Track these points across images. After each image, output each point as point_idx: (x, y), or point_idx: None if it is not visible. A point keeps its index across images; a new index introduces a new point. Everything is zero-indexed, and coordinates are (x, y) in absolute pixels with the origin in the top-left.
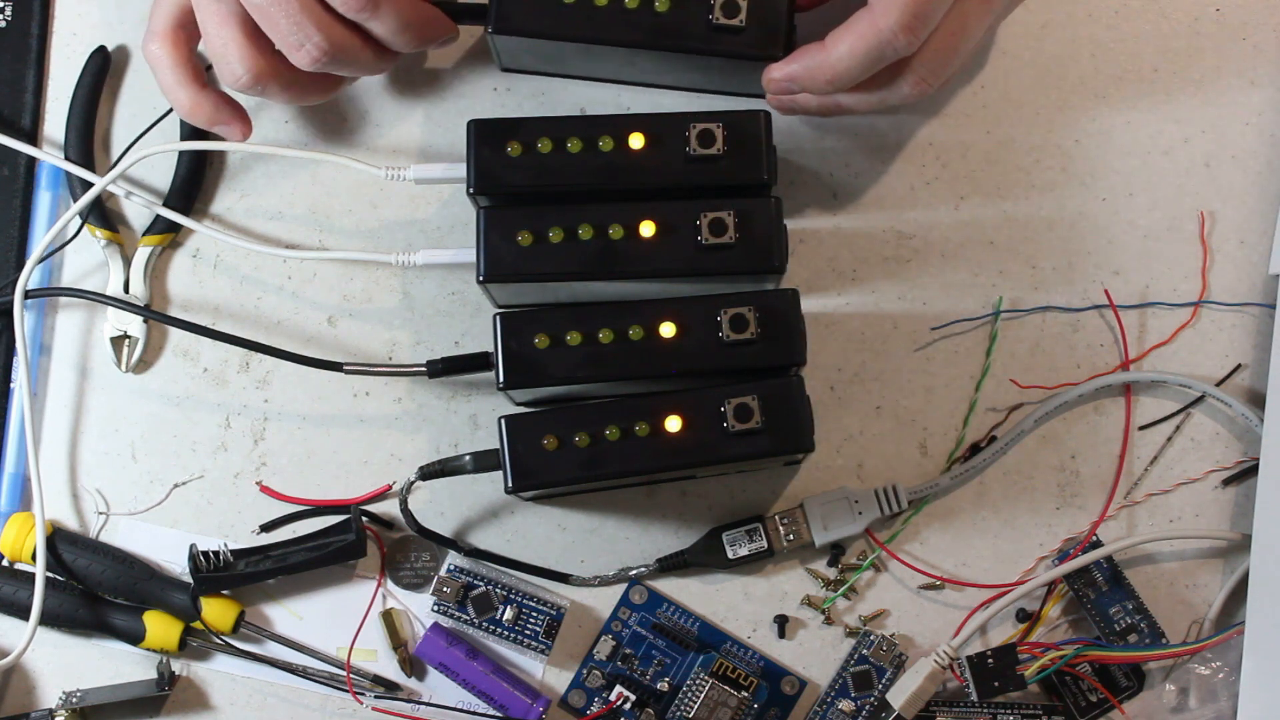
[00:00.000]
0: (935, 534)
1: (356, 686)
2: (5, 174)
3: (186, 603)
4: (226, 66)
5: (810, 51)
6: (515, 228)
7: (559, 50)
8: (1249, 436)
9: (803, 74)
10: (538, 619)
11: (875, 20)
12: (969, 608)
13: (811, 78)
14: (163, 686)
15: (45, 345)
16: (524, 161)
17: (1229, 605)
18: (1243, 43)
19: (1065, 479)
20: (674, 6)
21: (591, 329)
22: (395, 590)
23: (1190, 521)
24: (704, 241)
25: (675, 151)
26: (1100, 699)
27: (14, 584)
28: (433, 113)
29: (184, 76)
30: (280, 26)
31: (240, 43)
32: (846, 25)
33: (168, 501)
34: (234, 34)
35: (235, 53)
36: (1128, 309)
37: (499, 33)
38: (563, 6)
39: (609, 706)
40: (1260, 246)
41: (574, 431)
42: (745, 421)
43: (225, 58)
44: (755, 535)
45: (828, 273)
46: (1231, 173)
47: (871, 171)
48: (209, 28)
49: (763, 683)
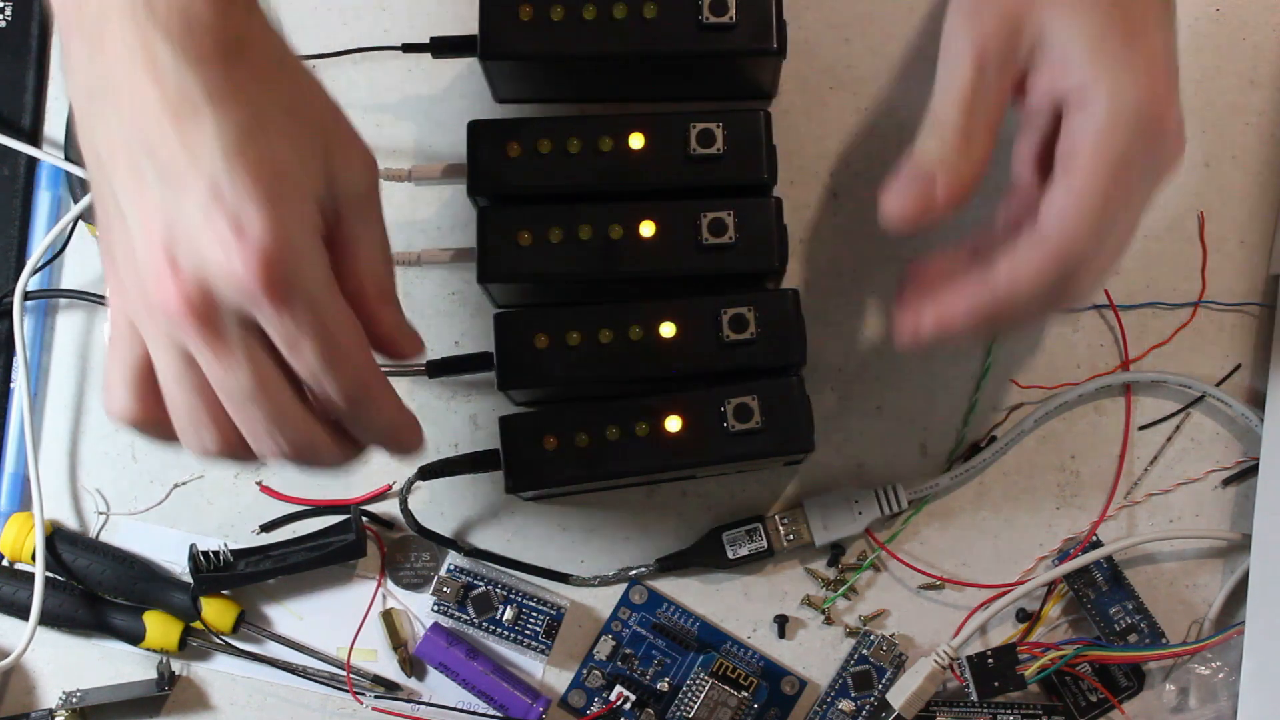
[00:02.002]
0: (935, 534)
1: (356, 686)
2: (5, 174)
3: (186, 603)
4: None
5: (975, 289)
6: (515, 228)
7: (553, 72)
8: (1249, 436)
9: (969, 321)
10: (538, 619)
11: (1060, 247)
12: (969, 608)
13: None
14: (163, 686)
15: (45, 345)
16: (524, 161)
17: (1229, 605)
18: (1243, 43)
19: (1065, 479)
20: (661, 12)
21: (591, 329)
22: (395, 590)
23: (1190, 521)
24: (704, 241)
25: (675, 151)
26: (1100, 699)
27: (14, 584)
28: (433, 113)
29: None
30: (256, 421)
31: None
32: (1014, 255)
33: (168, 501)
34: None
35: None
36: (1127, 309)
37: (488, 58)
38: (550, 25)
39: (609, 706)
40: (1260, 246)
41: (574, 431)
42: (745, 421)
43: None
44: (755, 535)
45: (828, 273)
46: (1231, 173)
47: (871, 171)
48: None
49: (763, 683)
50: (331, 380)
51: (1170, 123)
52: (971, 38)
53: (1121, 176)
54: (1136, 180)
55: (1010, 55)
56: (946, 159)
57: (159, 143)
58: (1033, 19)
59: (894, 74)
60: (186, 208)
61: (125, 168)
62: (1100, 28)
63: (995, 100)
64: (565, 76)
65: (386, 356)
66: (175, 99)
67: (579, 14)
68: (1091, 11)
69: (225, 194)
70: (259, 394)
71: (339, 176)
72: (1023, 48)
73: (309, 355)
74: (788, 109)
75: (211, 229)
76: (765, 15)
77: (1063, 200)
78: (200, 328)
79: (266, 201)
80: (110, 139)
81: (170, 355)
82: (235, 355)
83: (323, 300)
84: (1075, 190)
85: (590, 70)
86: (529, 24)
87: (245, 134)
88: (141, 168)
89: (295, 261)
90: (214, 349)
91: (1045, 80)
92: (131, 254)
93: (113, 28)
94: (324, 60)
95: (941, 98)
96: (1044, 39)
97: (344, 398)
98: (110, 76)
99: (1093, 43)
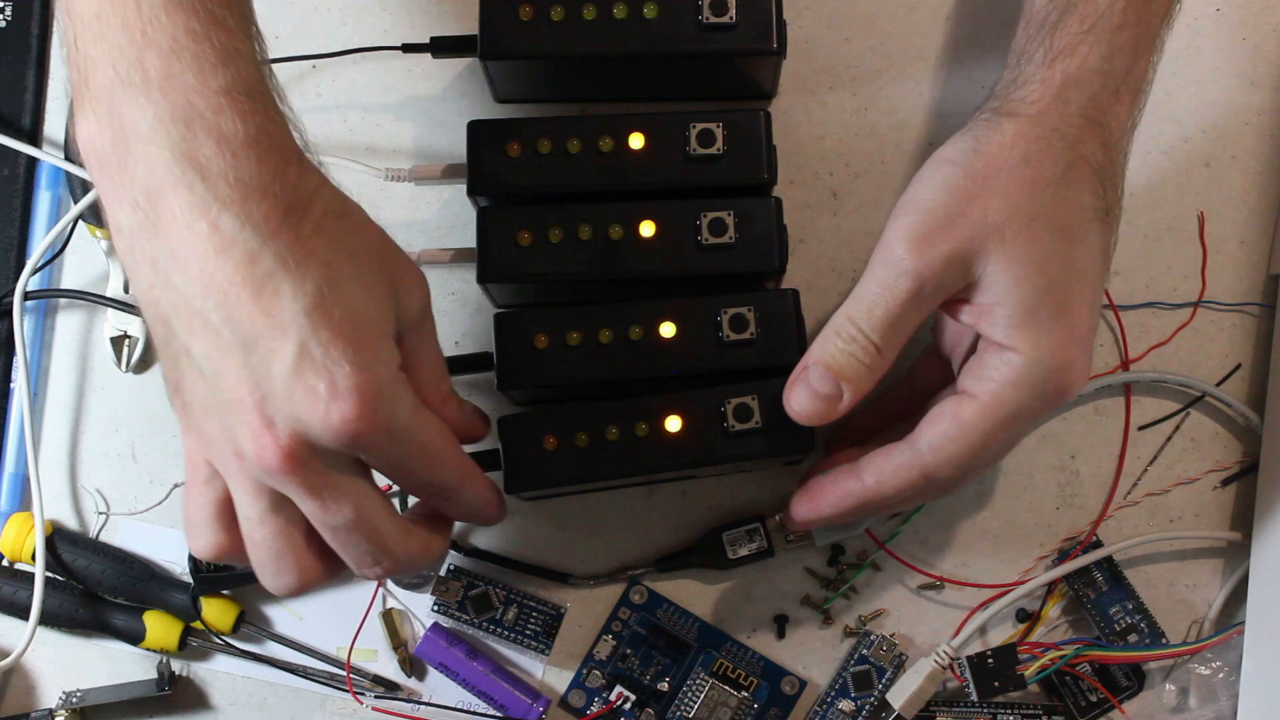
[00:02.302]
0: (935, 534)
1: (356, 686)
2: (5, 174)
3: (186, 603)
4: (276, 577)
5: (846, 488)
6: (515, 228)
7: (552, 71)
8: (1249, 436)
9: (837, 513)
10: (538, 619)
11: (925, 470)
12: (969, 608)
13: (848, 515)
14: (163, 686)
15: (45, 345)
16: (524, 161)
17: (1229, 605)
18: (1243, 43)
19: (1065, 479)
20: (662, 12)
21: (591, 329)
22: (395, 590)
23: (1190, 521)
24: (704, 241)
25: (675, 151)
26: (1100, 699)
27: (14, 584)
28: (433, 113)
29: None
30: (359, 548)
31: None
32: (888, 462)
33: (168, 501)
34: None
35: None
36: (1127, 309)
37: (489, 58)
38: (551, 25)
39: (609, 706)
40: (1260, 246)
41: (573, 432)
42: (745, 421)
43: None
44: (755, 535)
45: (828, 273)
46: (1231, 173)
47: (871, 171)
48: (259, 537)
49: (763, 683)
50: (436, 480)
51: (1075, 381)
52: (917, 264)
53: (1010, 425)
54: (1024, 426)
55: (948, 288)
56: (856, 375)
57: (238, 314)
58: (978, 265)
59: (894, 74)
60: (275, 369)
61: (203, 332)
62: (1035, 299)
63: (918, 319)
64: (565, 76)
65: (462, 444)
66: (247, 271)
67: (579, 14)
68: (1031, 283)
69: (314, 354)
70: (362, 525)
71: (402, 303)
72: (963, 280)
73: (415, 470)
74: (788, 109)
75: (304, 388)
76: (765, 15)
77: (945, 428)
78: (304, 477)
79: (353, 352)
80: (180, 306)
81: (259, 501)
82: (338, 496)
83: (416, 422)
84: (962, 424)
85: (590, 70)
86: (529, 24)
87: (321, 293)
88: (222, 334)
89: (389, 402)
90: (316, 495)
91: (971, 316)
92: (214, 408)
93: (168, 203)
94: (324, 60)
95: (866, 308)
96: (983, 286)
97: (446, 489)
98: (175, 250)
99: (1025, 310)
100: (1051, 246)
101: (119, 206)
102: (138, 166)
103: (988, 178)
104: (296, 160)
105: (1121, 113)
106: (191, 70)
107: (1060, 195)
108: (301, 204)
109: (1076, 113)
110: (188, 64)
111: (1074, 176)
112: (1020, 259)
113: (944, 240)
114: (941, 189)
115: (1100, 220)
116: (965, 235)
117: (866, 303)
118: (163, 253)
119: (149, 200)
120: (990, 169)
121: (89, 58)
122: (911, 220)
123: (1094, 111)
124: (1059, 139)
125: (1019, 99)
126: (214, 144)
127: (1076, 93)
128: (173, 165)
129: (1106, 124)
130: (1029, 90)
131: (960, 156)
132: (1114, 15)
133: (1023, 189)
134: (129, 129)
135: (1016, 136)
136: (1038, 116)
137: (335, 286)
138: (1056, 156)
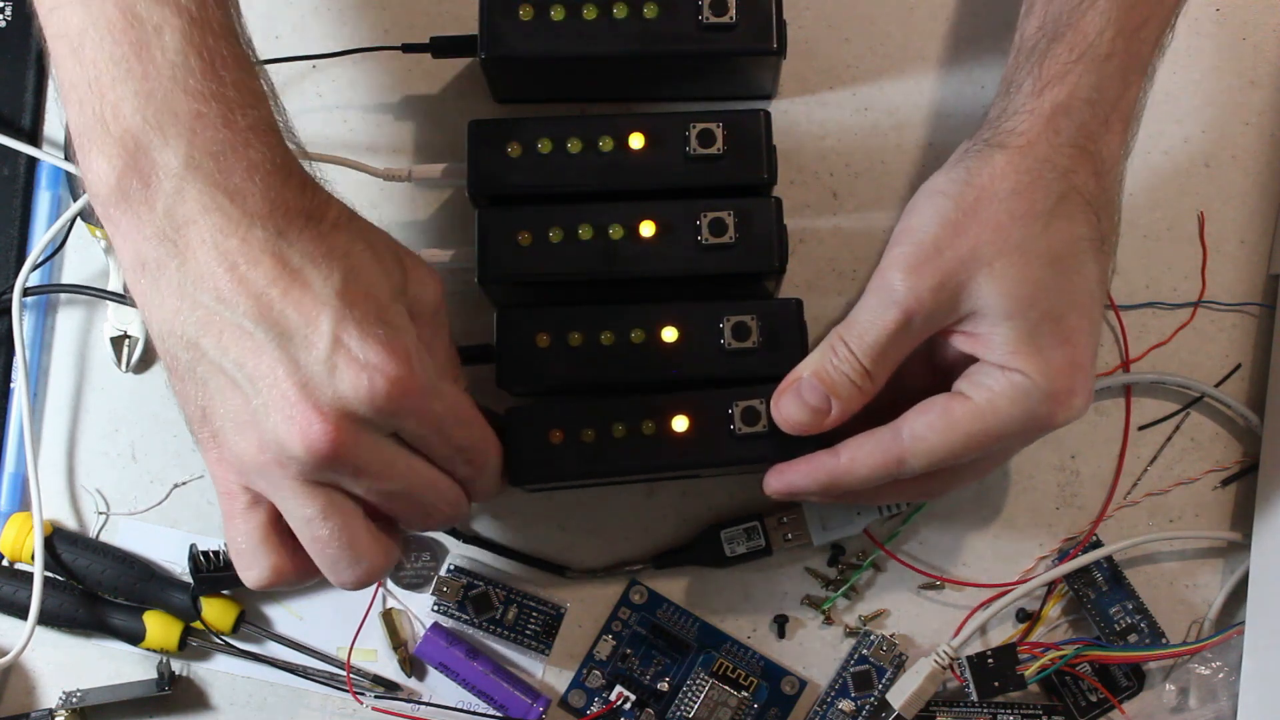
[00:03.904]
0: (935, 534)
1: (356, 686)
2: (5, 174)
3: (186, 603)
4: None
5: (820, 461)
6: (515, 228)
7: (552, 71)
8: (1248, 436)
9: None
10: (537, 619)
11: (902, 456)
12: (969, 608)
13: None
14: (163, 686)
15: (45, 345)
16: (524, 161)
17: (1229, 605)
18: (1243, 43)
19: (1065, 479)
20: (662, 12)
21: (593, 330)
22: (395, 590)
23: (1190, 521)
24: (704, 241)
25: (675, 151)
26: (1100, 699)
27: (14, 584)
28: (433, 113)
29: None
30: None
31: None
32: (866, 442)
33: (168, 501)
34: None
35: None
36: (1127, 309)
37: (489, 58)
38: (551, 25)
39: (609, 706)
40: (1260, 246)
41: (580, 426)
42: (752, 425)
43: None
44: (754, 534)
45: (828, 273)
46: (1231, 173)
47: (871, 171)
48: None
49: (763, 683)
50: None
51: (1072, 411)
52: (906, 290)
53: (995, 436)
54: (1007, 443)
55: (940, 317)
56: (847, 394)
57: (272, 313)
58: (971, 292)
59: (894, 74)
60: (315, 353)
61: (236, 340)
62: (1032, 328)
63: (909, 347)
64: (565, 76)
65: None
66: (279, 271)
67: (579, 14)
68: (1025, 315)
69: (350, 330)
70: (418, 481)
71: (415, 295)
72: (955, 313)
73: (452, 430)
74: (788, 109)
75: (346, 360)
76: (765, 15)
77: (931, 420)
78: (356, 454)
79: (381, 330)
80: (209, 323)
81: (314, 500)
82: (390, 462)
83: (443, 387)
84: (950, 420)
85: (590, 70)
86: (529, 24)
87: (345, 281)
88: (256, 336)
89: (420, 367)
90: (370, 469)
91: (969, 345)
92: (249, 422)
93: (199, 228)
94: (324, 60)
95: (859, 333)
96: (977, 317)
97: (478, 451)
98: (203, 271)
99: (1024, 337)
100: (1045, 278)
101: (143, 242)
102: (168, 201)
103: (977, 210)
104: (311, 183)
105: (1113, 141)
106: (220, 112)
107: (1052, 226)
108: (319, 212)
109: (1067, 142)
110: (215, 107)
111: (1066, 207)
112: (1012, 291)
113: (931, 272)
114: (932, 220)
115: (1096, 250)
116: (953, 267)
117: (859, 328)
118: (189, 277)
119: (176, 230)
120: (980, 201)
121: (109, 102)
122: (905, 250)
123: (1085, 141)
124: (1050, 170)
125: (1009, 129)
126: (243, 171)
127: (1066, 122)
128: (203, 194)
129: (1098, 153)
130: (1018, 121)
131: (951, 188)
132: (1103, 44)
133: (1013, 221)
134: (159, 167)
135: (1006, 168)
136: (1027, 147)
137: (357, 272)
138: (1048, 188)
